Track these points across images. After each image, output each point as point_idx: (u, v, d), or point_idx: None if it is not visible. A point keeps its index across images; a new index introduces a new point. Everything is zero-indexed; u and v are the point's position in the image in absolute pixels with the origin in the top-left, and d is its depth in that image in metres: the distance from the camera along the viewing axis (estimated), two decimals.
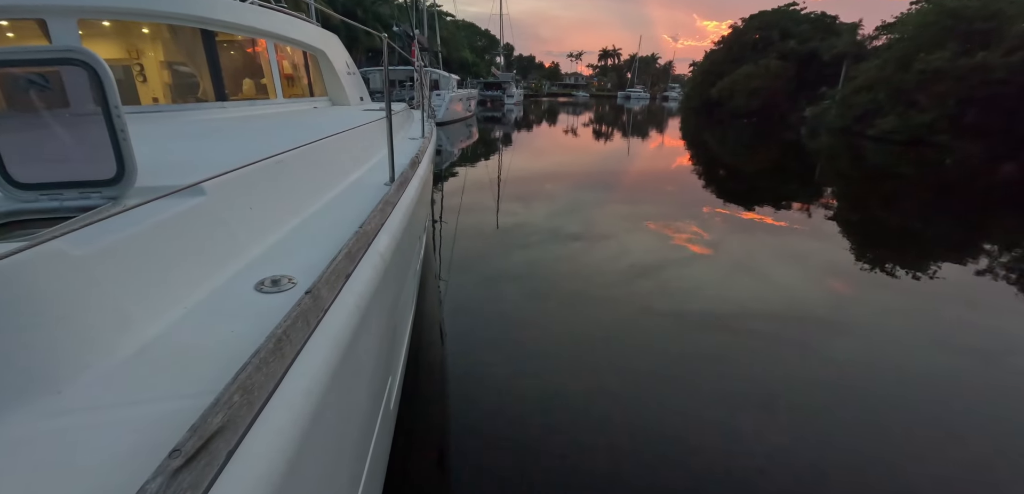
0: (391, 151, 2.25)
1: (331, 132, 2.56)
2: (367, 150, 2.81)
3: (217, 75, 3.10)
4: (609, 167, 18.19)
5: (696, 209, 11.05)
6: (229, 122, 2.78)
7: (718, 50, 48.76)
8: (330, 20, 24.92)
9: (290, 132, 2.55)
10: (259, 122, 2.93)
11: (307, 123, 3.16)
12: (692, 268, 7.22)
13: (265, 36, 3.72)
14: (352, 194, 2.14)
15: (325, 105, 4.82)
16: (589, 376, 4.34)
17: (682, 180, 15.61)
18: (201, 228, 1.28)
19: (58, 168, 1.12)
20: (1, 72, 0.99)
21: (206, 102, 3.02)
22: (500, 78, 50.99)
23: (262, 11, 3.79)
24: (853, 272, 7.30)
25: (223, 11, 3.22)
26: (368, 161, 2.73)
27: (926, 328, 5.60)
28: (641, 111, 57.56)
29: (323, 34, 4.90)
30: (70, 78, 1.02)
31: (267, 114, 3.38)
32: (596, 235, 8.70)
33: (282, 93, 3.85)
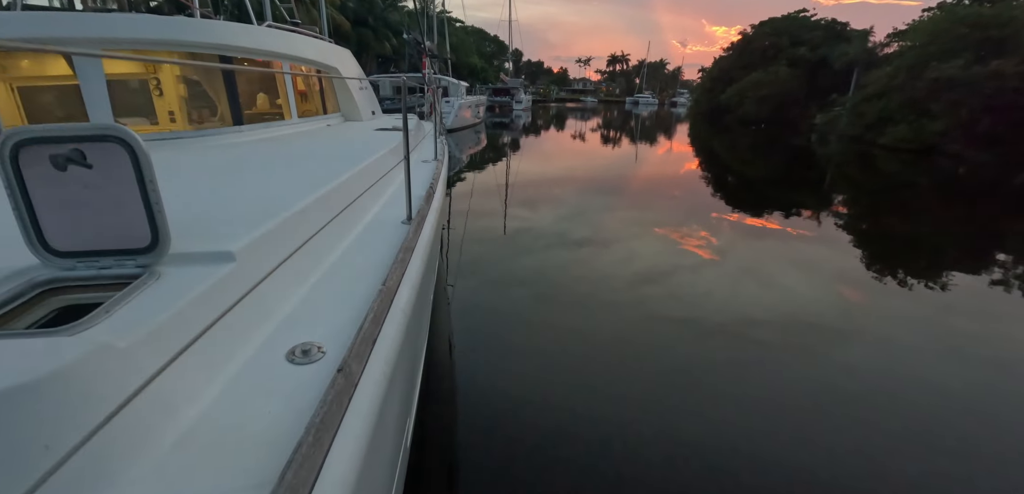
0: (408, 189, 2.24)
1: (347, 160, 2.55)
2: (384, 180, 2.79)
3: (234, 99, 3.15)
4: (617, 172, 18.16)
5: (704, 215, 11.01)
6: (248, 149, 2.79)
7: (727, 56, 48.57)
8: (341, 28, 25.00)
9: (307, 163, 2.54)
10: (276, 147, 2.94)
11: (323, 148, 3.16)
12: (700, 274, 7.19)
13: (281, 58, 3.76)
14: (371, 237, 2.13)
15: (338, 121, 4.87)
16: (597, 382, 4.32)
17: (690, 186, 15.55)
18: (232, 295, 1.31)
19: (94, 236, 1.16)
20: (42, 147, 1.03)
21: (224, 127, 3.06)
22: (509, 84, 51.15)
23: (278, 33, 3.81)
24: (864, 280, 7.23)
25: (242, 37, 3.27)
26: (384, 192, 2.71)
27: (939, 337, 5.53)
28: (649, 117, 57.40)
29: (336, 51, 4.95)
30: (107, 153, 1.06)
31: (283, 136, 3.40)
32: (604, 240, 8.69)
33: (296, 112, 3.88)
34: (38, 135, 1.01)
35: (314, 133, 3.79)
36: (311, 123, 4.18)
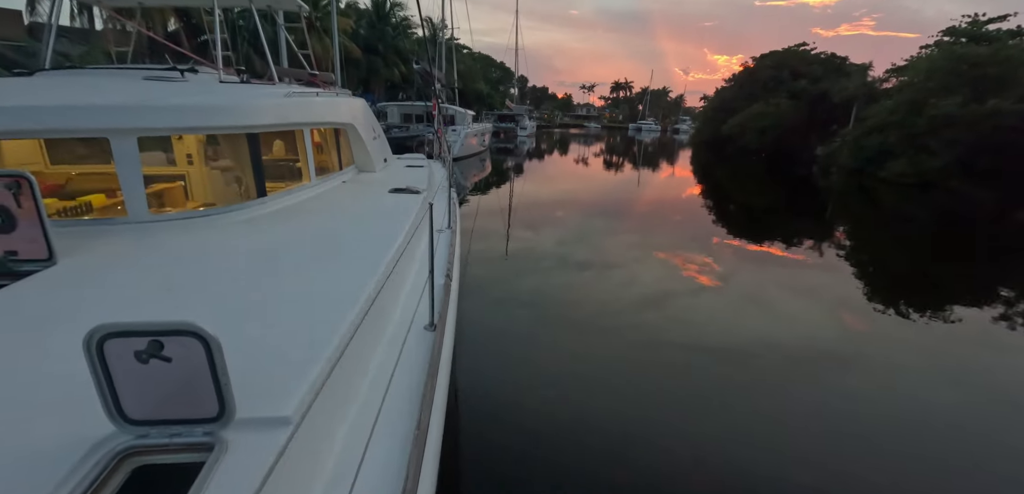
0: (432, 295, 2.22)
1: (370, 246, 2.54)
2: (406, 260, 2.71)
3: (259, 172, 3.18)
4: (619, 196, 18.28)
5: (706, 240, 11.05)
6: (273, 229, 2.81)
7: (730, 87, 49.16)
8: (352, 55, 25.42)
9: (332, 255, 2.50)
10: (299, 224, 2.97)
11: (343, 225, 3.17)
12: (701, 299, 7.20)
13: (303, 126, 3.79)
14: (399, 351, 2.08)
15: (352, 174, 4.88)
16: (597, 406, 4.31)
17: (692, 211, 15.63)
18: (292, 459, 1.39)
19: (166, 407, 1.26)
20: (126, 340, 1.13)
21: (248, 201, 3.09)
22: (514, 110, 51.64)
23: (301, 102, 3.84)
24: (865, 309, 7.23)
25: (269, 115, 3.31)
26: (406, 278, 2.61)
27: (939, 367, 5.51)
28: (652, 143, 57.92)
29: (351, 106, 4.96)
30: (184, 345, 1.16)
31: (304, 204, 3.44)
32: (605, 263, 8.72)
33: (314, 174, 3.89)
34: (122, 329, 1.12)
35: (332, 198, 3.79)
36: (328, 182, 4.17)
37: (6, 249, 1.90)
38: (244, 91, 3.40)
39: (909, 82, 26.69)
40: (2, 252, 1.89)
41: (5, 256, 1.89)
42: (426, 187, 4.46)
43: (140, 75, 3.41)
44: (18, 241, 1.90)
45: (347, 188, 4.34)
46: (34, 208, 1.88)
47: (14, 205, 1.86)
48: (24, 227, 1.89)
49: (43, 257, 1.93)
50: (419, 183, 4.78)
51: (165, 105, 2.68)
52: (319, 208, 3.40)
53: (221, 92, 3.28)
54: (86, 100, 2.56)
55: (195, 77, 3.70)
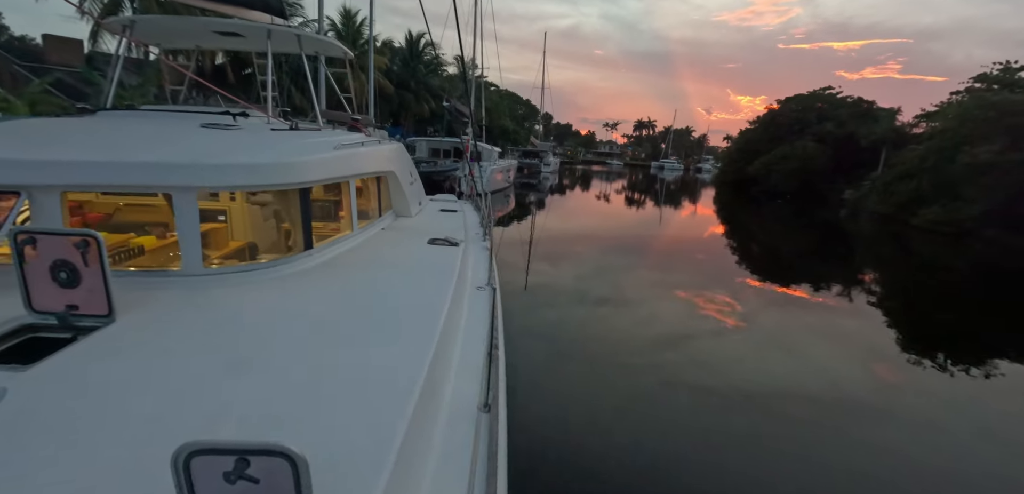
0: (488, 379, 2.12)
1: (418, 314, 2.48)
2: (452, 324, 2.61)
3: (307, 226, 3.21)
4: (639, 233, 18.14)
5: (728, 280, 10.82)
6: (320, 286, 2.82)
7: (754, 129, 48.93)
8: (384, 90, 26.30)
9: (380, 325, 2.46)
10: (346, 281, 2.99)
11: (388, 275, 3.20)
12: (723, 340, 7.00)
13: (349, 178, 3.82)
14: (456, 438, 1.97)
15: (390, 220, 4.92)
16: (613, 448, 4.19)
17: (714, 251, 15.38)
18: None
19: None
20: (213, 458, 1.16)
21: (296, 254, 3.13)
22: (538, 147, 52.24)
23: (348, 154, 3.84)
24: (897, 358, 6.91)
25: (320, 171, 3.37)
26: (454, 348, 2.49)
27: (977, 422, 5.19)
28: (674, 181, 57.70)
29: (391, 152, 4.99)
30: (272, 465, 1.18)
31: (348, 256, 3.46)
32: (624, 300, 8.60)
33: (356, 222, 3.92)
34: (210, 447, 1.15)
35: (374, 250, 3.79)
36: (369, 229, 4.21)
37: (68, 303, 1.94)
38: (296, 144, 3.44)
39: (941, 128, 26.13)
40: (64, 306, 1.93)
41: (66, 310, 1.93)
42: (463, 238, 4.42)
43: (196, 121, 3.51)
44: (80, 295, 1.94)
45: (386, 237, 4.35)
46: (99, 266, 1.92)
47: (81, 263, 1.91)
48: (87, 283, 1.93)
49: (103, 313, 1.96)
50: (455, 231, 4.77)
51: (225, 163, 2.75)
52: (363, 261, 3.43)
53: (274, 145, 3.31)
54: (153, 156, 2.62)
55: (246, 123, 3.80)
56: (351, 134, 4.60)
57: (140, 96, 12.92)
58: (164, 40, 5.45)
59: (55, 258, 1.89)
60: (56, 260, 1.89)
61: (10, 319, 1.91)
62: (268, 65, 4.45)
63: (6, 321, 1.90)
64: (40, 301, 1.93)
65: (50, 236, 1.90)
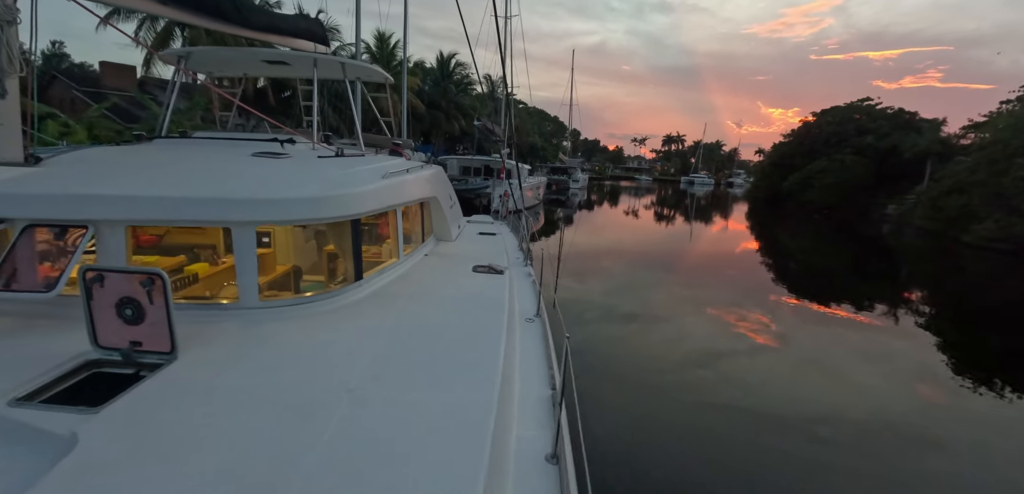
0: (558, 429, 2.00)
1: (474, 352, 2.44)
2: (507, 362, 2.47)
3: (358, 256, 3.23)
4: (669, 249, 17.82)
5: (762, 298, 10.48)
6: (370, 318, 2.82)
7: (788, 142, 47.63)
8: (416, 110, 26.83)
9: (439, 346, 2.47)
10: (397, 311, 2.98)
11: (438, 307, 3.17)
12: (757, 359, 6.77)
13: (396, 207, 3.86)
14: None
15: (432, 246, 4.95)
16: (636, 470, 4.09)
17: (747, 267, 14.94)
18: None
19: None
20: None
21: (347, 286, 3.15)
22: (567, 163, 52.22)
23: (396, 183, 3.86)
24: (949, 383, 6.51)
25: (371, 202, 3.40)
26: (514, 393, 2.37)
27: None
28: (705, 196, 56.56)
29: (433, 178, 4.99)
30: None
31: (395, 286, 3.47)
32: (653, 317, 8.44)
33: (403, 251, 3.95)
34: None
35: (420, 278, 3.79)
36: (414, 256, 4.24)
37: (132, 339, 1.98)
38: (346, 174, 3.48)
39: (991, 139, 24.80)
40: (128, 342, 1.97)
41: (130, 346, 1.97)
42: (507, 265, 4.40)
43: (247, 149, 3.63)
44: (144, 332, 1.98)
45: (430, 263, 4.36)
46: (164, 304, 1.95)
47: (146, 300, 1.95)
48: (151, 320, 1.97)
49: (165, 350, 2.00)
50: (497, 257, 4.77)
51: (283, 198, 2.80)
52: (411, 291, 3.42)
53: (324, 174, 3.36)
54: (213, 192, 2.69)
55: (294, 149, 3.91)
56: (394, 159, 4.67)
57: (188, 120, 13.65)
58: (216, 69, 5.67)
59: (121, 295, 1.94)
60: (122, 297, 1.94)
61: (77, 355, 1.95)
62: (314, 91, 4.56)
63: (73, 356, 1.94)
64: (105, 337, 1.97)
65: (117, 274, 1.95)
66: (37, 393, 1.75)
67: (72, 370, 1.90)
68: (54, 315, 2.29)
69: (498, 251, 5.17)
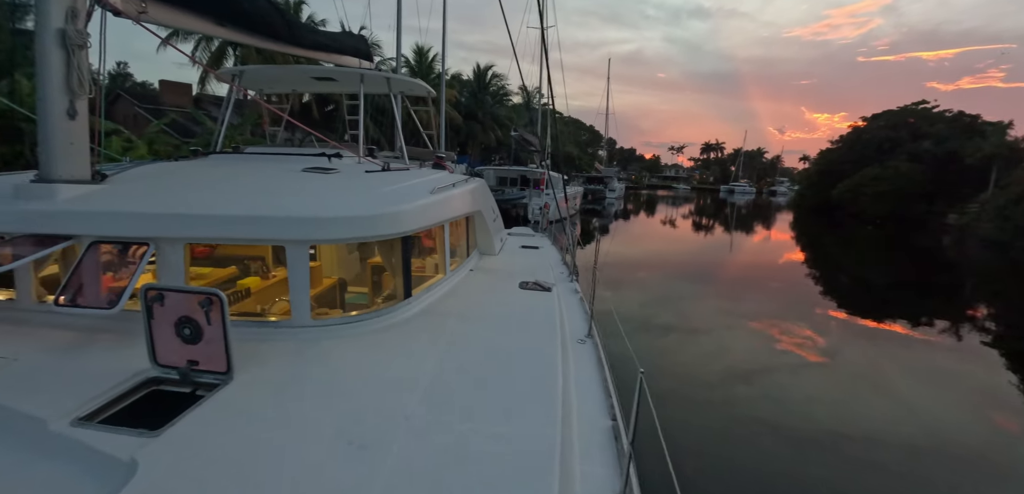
0: (627, 473, 1.94)
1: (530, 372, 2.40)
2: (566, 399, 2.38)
3: (407, 274, 3.19)
4: (707, 259, 17.31)
5: (808, 311, 10.00)
6: (419, 339, 2.78)
7: (836, 149, 45.66)
8: (453, 122, 27.32)
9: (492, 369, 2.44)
10: (446, 330, 2.92)
11: (487, 325, 3.12)
12: (803, 377, 6.45)
13: (444, 222, 3.83)
14: None
15: (476, 260, 4.90)
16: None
17: (792, 280, 14.30)
18: None
19: None
20: None
21: (396, 304, 3.10)
22: (603, 173, 51.83)
23: (444, 199, 3.82)
24: (1020, 406, 6.00)
25: (421, 219, 3.37)
26: (573, 424, 2.30)
27: None
28: (746, 205, 54.72)
29: (477, 191, 4.94)
30: None
31: (442, 304, 3.42)
32: (691, 329, 8.20)
33: (449, 266, 3.90)
34: None
35: (467, 295, 3.75)
36: (459, 272, 4.19)
37: (189, 358, 2.01)
38: (395, 189, 3.51)
39: None
40: (185, 361, 2.01)
41: (188, 365, 2.01)
42: (553, 281, 4.32)
43: (297, 164, 3.71)
44: (201, 352, 2.02)
45: (476, 279, 4.32)
46: (221, 324, 1.98)
47: (204, 320, 1.98)
48: (208, 340, 2.00)
49: (222, 370, 2.03)
50: (541, 271, 4.70)
51: (336, 217, 2.82)
52: (460, 310, 3.36)
53: (374, 190, 3.40)
54: (268, 210, 2.73)
55: (341, 164, 3.99)
56: (438, 173, 4.70)
57: (240, 134, 14.43)
58: (267, 86, 5.93)
59: (180, 314, 1.98)
60: (181, 316, 1.98)
61: (137, 372, 2.01)
62: (360, 106, 4.66)
63: (134, 374, 2.00)
64: (164, 355, 2.02)
65: (176, 293, 2.00)
66: (99, 412, 1.79)
67: (132, 388, 1.96)
68: (116, 330, 2.36)
69: (543, 266, 5.11)
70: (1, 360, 2.06)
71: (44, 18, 2.52)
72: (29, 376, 1.98)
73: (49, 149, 2.61)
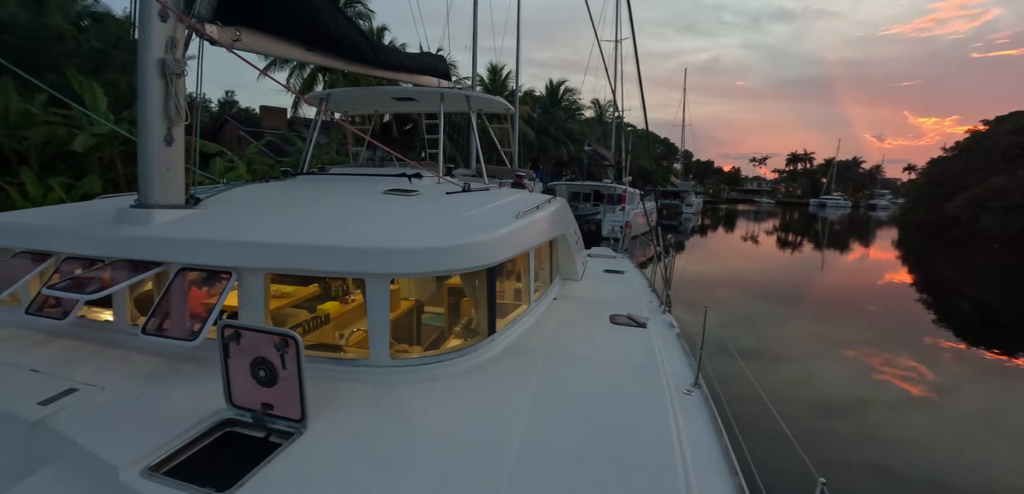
0: None
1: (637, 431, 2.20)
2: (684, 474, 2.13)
3: (492, 308, 2.98)
4: (794, 279, 16.00)
5: (914, 340, 8.90)
6: (507, 382, 2.59)
7: (950, 156, 40.64)
8: (526, 137, 27.65)
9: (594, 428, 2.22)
10: (536, 374, 2.68)
11: (580, 370, 2.85)
12: (908, 414, 5.74)
13: (530, 249, 3.59)
14: None
15: (558, 287, 4.61)
16: None
17: (896, 303, 12.82)
18: None
19: None
20: None
21: (479, 342, 2.89)
22: (679, 187, 49.96)
23: (531, 223, 3.58)
24: None
25: (509, 248, 3.14)
26: None
27: None
28: (840, 220, 49.96)
29: (559, 213, 4.63)
30: None
31: (527, 340, 3.19)
32: (774, 354, 7.61)
33: (533, 296, 3.66)
34: None
35: (552, 329, 3.48)
36: (543, 302, 3.92)
37: (263, 402, 1.97)
38: (478, 214, 3.35)
39: None
40: (260, 405, 1.97)
41: (262, 408, 1.97)
42: (647, 315, 3.97)
43: (378, 186, 3.69)
44: (275, 395, 1.96)
45: (561, 309, 4.03)
46: (296, 369, 1.91)
47: (279, 363, 1.92)
48: (283, 383, 1.94)
49: (296, 417, 1.95)
50: (631, 302, 4.38)
51: (419, 248, 2.65)
52: (548, 349, 3.10)
53: (456, 215, 3.29)
54: (350, 240, 2.63)
55: (422, 185, 3.86)
56: (518, 193, 4.60)
57: (326, 153, 15.70)
58: (351, 108, 6.14)
59: (256, 355, 1.93)
60: (256, 357, 1.93)
61: (213, 413, 1.99)
62: (440, 124, 4.67)
63: (209, 414, 1.98)
64: (239, 396, 1.98)
65: (253, 332, 1.95)
66: (172, 458, 1.74)
67: (207, 431, 1.91)
68: (198, 358, 2.34)
69: (631, 294, 4.79)
70: (90, 388, 2.07)
71: (145, 49, 2.60)
72: (111, 409, 1.98)
73: (147, 175, 2.70)
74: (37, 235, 2.80)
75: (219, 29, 2.89)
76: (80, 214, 3.04)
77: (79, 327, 2.58)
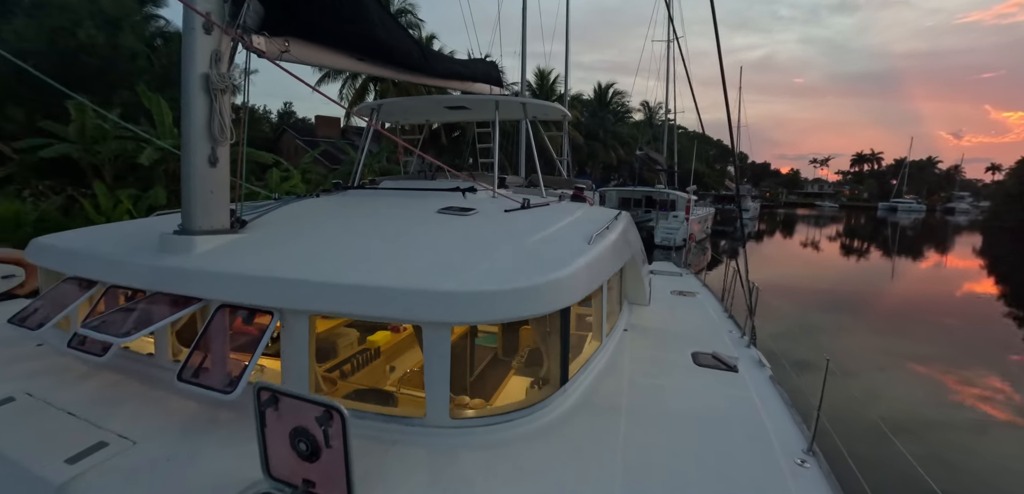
0: None
1: None
2: None
3: (565, 354, 2.60)
4: (859, 288, 14.99)
5: (997, 357, 8.12)
6: (584, 441, 2.29)
7: None
8: (574, 141, 27.38)
9: None
10: (618, 436, 2.34)
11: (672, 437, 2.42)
12: (989, 438, 5.26)
13: (603, 282, 3.21)
14: None
15: (627, 316, 4.19)
16: None
17: (976, 316, 11.74)
18: None
19: None
20: None
21: (550, 395, 2.53)
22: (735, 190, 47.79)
23: (606, 249, 3.23)
24: None
25: (584, 285, 2.77)
26: None
27: None
28: (912, 225, 46.26)
29: (626, 231, 4.16)
30: None
31: (602, 387, 2.83)
32: (836, 367, 7.15)
33: (605, 330, 3.33)
34: None
35: (627, 371, 3.10)
36: (614, 335, 3.56)
37: (305, 478, 1.73)
38: (544, 239, 3.01)
39: None
40: (301, 481, 1.74)
41: (304, 486, 1.74)
42: (735, 355, 3.51)
43: (433, 203, 3.43)
44: (318, 472, 1.72)
45: (634, 344, 3.60)
46: (342, 444, 1.66)
47: (321, 438, 1.68)
48: (326, 459, 1.69)
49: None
50: (709, 333, 4.02)
51: (481, 291, 2.30)
52: (627, 400, 2.72)
53: (520, 243, 2.89)
54: (403, 282, 2.32)
55: (478, 200, 3.64)
56: (579, 207, 4.30)
57: (377, 162, 16.28)
58: (402, 118, 6.05)
59: (296, 424, 1.70)
60: (296, 427, 1.70)
61: (249, 484, 1.79)
62: (494, 134, 4.54)
63: (246, 485, 1.79)
64: (277, 468, 1.76)
65: (292, 399, 1.72)
66: None
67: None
68: (237, 407, 2.10)
69: (708, 324, 4.37)
70: (121, 442, 1.91)
71: (189, 63, 2.44)
72: (139, 472, 1.79)
73: (190, 198, 2.53)
74: (84, 262, 2.73)
75: (267, 40, 2.70)
76: (129, 237, 2.98)
77: (120, 358, 2.49)
